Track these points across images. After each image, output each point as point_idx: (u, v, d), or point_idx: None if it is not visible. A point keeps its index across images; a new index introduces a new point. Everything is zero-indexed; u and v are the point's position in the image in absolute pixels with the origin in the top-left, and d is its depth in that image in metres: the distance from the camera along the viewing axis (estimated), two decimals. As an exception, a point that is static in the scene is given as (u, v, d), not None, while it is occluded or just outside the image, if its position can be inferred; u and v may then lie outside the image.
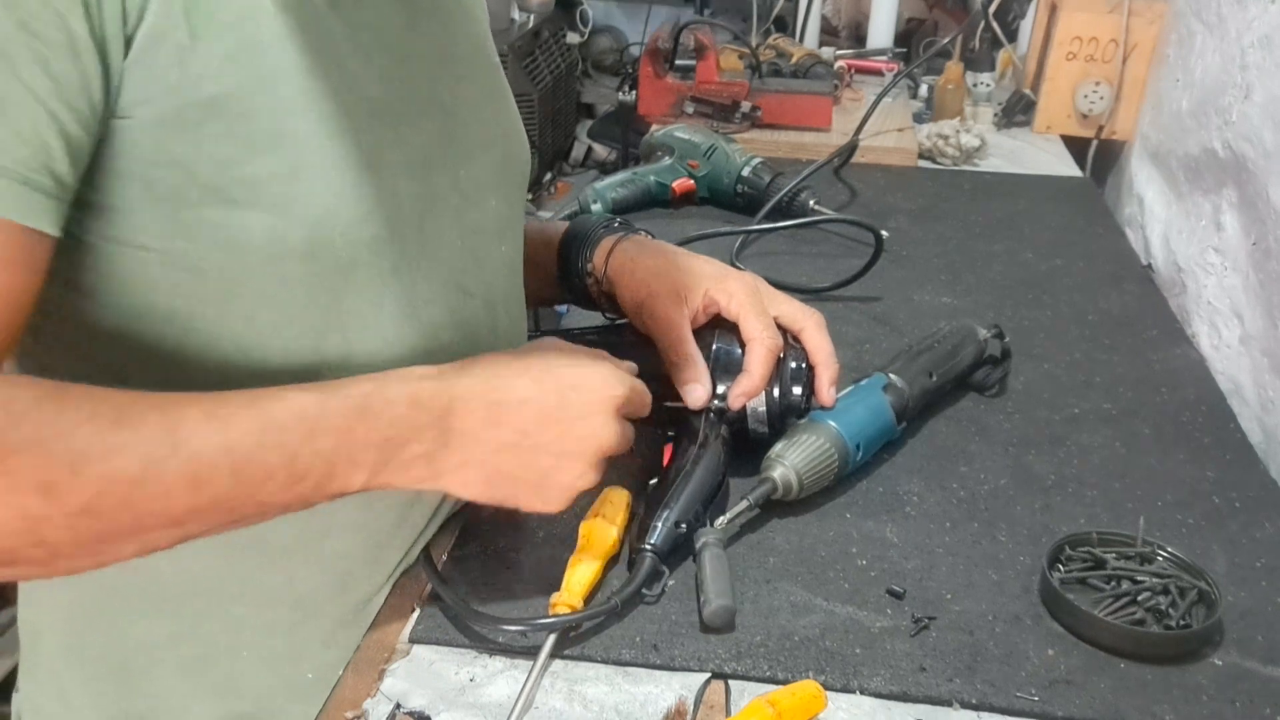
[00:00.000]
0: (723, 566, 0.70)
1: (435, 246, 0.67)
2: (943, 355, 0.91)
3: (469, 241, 0.70)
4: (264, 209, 0.57)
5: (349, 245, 0.61)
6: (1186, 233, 1.27)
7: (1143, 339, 1.06)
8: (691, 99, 1.58)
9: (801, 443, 0.77)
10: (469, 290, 0.71)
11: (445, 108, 0.68)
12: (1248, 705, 0.64)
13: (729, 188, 1.31)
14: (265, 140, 0.56)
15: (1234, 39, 1.22)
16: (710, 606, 0.67)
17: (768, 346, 0.77)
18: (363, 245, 0.62)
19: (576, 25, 2.88)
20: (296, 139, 0.57)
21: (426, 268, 0.67)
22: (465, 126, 0.70)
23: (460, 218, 0.69)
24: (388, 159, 0.63)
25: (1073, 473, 0.85)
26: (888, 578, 0.73)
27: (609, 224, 0.88)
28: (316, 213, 0.59)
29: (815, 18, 1.99)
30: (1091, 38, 1.56)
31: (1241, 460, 0.88)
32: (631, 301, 0.82)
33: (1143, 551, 0.73)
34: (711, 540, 0.71)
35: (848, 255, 1.19)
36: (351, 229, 0.61)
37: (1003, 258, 1.23)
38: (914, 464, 0.85)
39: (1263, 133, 1.08)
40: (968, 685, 0.65)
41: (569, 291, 0.89)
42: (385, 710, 0.63)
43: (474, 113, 0.71)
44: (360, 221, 0.61)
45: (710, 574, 0.69)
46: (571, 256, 0.87)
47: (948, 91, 1.67)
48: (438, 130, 0.67)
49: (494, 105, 0.75)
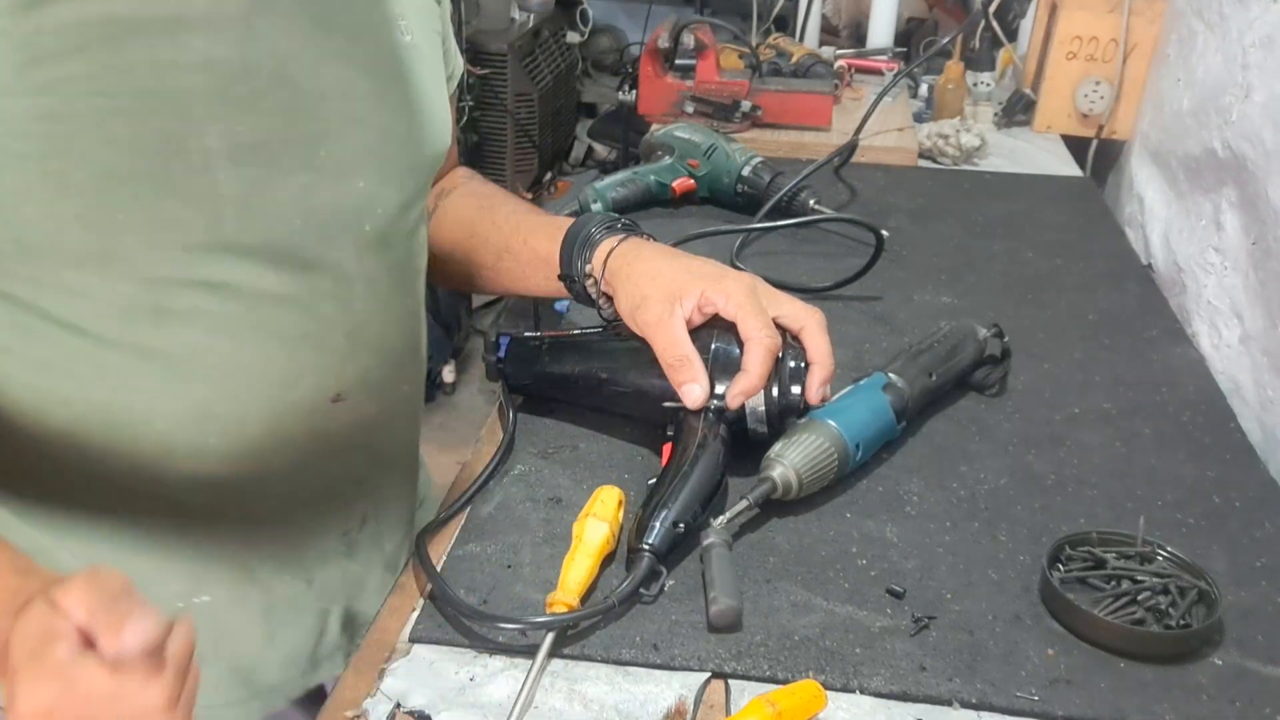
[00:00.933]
0: (729, 566, 0.70)
1: (267, 224, 0.68)
2: (942, 355, 0.91)
3: (314, 219, 0.70)
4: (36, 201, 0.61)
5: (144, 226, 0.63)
6: (1186, 232, 1.27)
7: (1143, 338, 1.06)
8: (691, 98, 1.58)
9: (801, 442, 0.77)
10: (310, 265, 0.71)
11: (296, 85, 0.68)
12: (1248, 705, 0.64)
13: (729, 187, 1.31)
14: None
15: (1235, 38, 1.21)
16: (717, 606, 0.67)
17: (766, 346, 0.77)
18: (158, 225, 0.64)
19: (577, 24, 2.88)
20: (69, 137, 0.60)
21: (253, 244, 0.68)
22: (324, 103, 0.70)
23: (308, 196, 0.69)
24: (204, 144, 0.63)
25: (1073, 472, 0.85)
26: (888, 577, 0.73)
27: (611, 224, 0.88)
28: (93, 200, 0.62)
29: (815, 17, 1.99)
30: (1092, 37, 1.56)
31: (1241, 460, 0.88)
32: (627, 305, 0.82)
33: (1143, 551, 0.73)
34: (718, 540, 0.72)
35: (848, 255, 1.19)
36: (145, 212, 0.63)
37: (1003, 257, 1.23)
38: (914, 463, 0.85)
39: (1263, 132, 1.08)
40: (968, 685, 0.65)
41: (568, 287, 0.89)
42: (385, 709, 0.63)
43: (340, 89, 0.71)
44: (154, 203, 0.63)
45: (717, 574, 0.69)
46: (571, 257, 0.87)
47: (948, 91, 1.67)
48: (282, 108, 0.67)
49: (376, 83, 0.74)
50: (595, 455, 0.85)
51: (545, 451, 0.85)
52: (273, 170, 0.67)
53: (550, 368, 0.88)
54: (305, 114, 0.69)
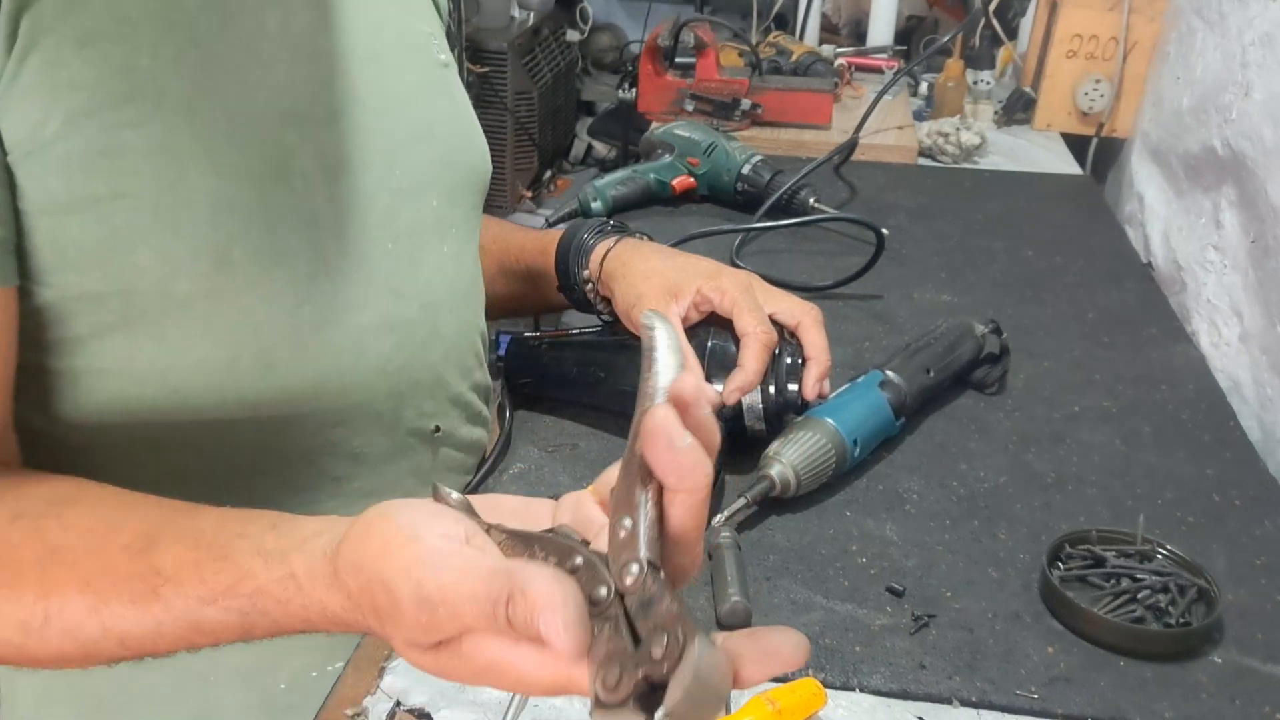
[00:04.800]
0: (740, 566, 0.70)
1: (362, 248, 0.66)
2: (940, 352, 0.91)
3: (402, 243, 0.69)
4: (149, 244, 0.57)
5: (252, 259, 0.60)
6: (1186, 230, 1.27)
7: (1142, 337, 1.06)
8: (691, 96, 1.58)
9: (798, 440, 0.77)
10: (402, 293, 0.69)
11: (365, 104, 0.67)
12: (1247, 703, 0.64)
13: (729, 185, 1.31)
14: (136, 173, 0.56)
15: (1235, 36, 1.21)
16: (728, 605, 0.67)
17: (762, 341, 0.77)
18: (267, 258, 0.60)
19: (576, 22, 2.88)
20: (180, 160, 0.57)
21: (350, 272, 0.65)
22: (391, 122, 0.68)
23: (392, 217, 0.68)
24: (297, 165, 0.61)
25: (1072, 470, 0.85)
26: (887, 575, 0.73)
27: (601, 228, 0.88)
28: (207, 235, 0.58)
29: (815, 15, 1.99)
30: (1092, 35, 1.56)
31: (1241, 458, 0.88)
32: (624, 303, 0.82)
33: (1142, 549, 0.73)
34: (727, 540, 0.72)
35: (847, 253, 1.18)
36: (254, 242, 0.60)
37: (1003, 255, 1.23)
38: (914, 462, 0.85)
39: (1263, 131, 1.08)
40: (967, 683, 0.65)
41: (569, 299, 0.89)
42: (385, 707, 0.63)
43: (401, 108, 0.69)
44: (264, 233, 0.60)
45: (728, 573, 0.69)
46: (568, 266, 0.87)
47: (948, 89, 1.67)
48: (358, 127, 0.66)
49: (427, 101, 0.73)
50: (594, 453, 0.85)
51: (544, 449, 0.85)
52: (359, 191, 0.65)
53: (550, 366, 0.88)
54: (376, 132, 0.67)
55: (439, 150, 0.73)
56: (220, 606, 0.50)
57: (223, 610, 0.50)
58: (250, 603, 0.50)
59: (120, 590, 0.52)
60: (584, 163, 3.02)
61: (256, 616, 0.50)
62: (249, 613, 0.50)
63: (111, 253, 0.57)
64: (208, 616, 0.51)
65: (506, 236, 0.94)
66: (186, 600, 0.51)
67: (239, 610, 0.50)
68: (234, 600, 0.50)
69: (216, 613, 0.51)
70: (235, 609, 0.50)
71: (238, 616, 0.50)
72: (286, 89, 0.61)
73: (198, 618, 0.51)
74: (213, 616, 0.51)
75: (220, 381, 0.62)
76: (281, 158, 0.60)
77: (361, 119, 0.66)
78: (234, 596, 0.50)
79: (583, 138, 2.95)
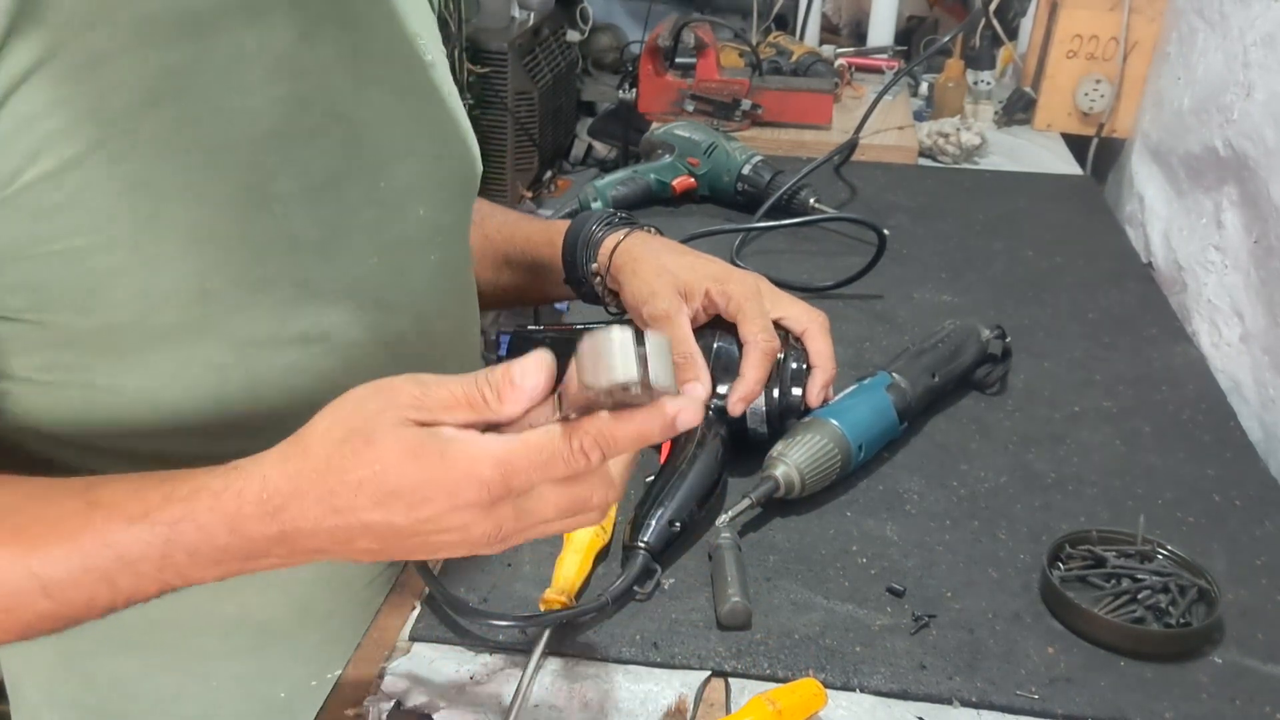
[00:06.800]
0: (740, 566, 0.70)
1: (346, 266, 0.65)
2: (945, 355, 0.91)
3: (389, 256, 0.67)
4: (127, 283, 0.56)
5: (233, 287, 0.59)
6: (1187, 230, 1.27)
7: (1143, 337, 1.06)
8: (692, 96, 1.58)
9: (804, 441, 0.77)
10: (391, 305, 0.68)
11: (348, 117, 0.65)
12: (1247, 703, 0.64)
13: (729, 185, 1.31)
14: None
15: (1236, 36, 1.21)
16: (728, 605, 0.67)
17: (763, 350, 0.77)
18: (249, 285, 0.60)
19: (577, 23, 2.88)
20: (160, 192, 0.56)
21: (337, 289, 0.64)
22: (375, 133, 0.66)
23: (378, 232, 0.67)
24: (278, 189, 0.60)
25: (1073, 471, 0.85)
26: (888, 576, 0.73)
27: (610, 220, 0.88)
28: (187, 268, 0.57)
29: (816, 15, 1.99)
30: (1092, 35, 1.56)
31: (1242, 458, 0.88)
32: (633, 299, 0.82)
33: (1143, 549, 0.73)
34: (728, 540, 0.72)
35: (848, 253, 1.18)
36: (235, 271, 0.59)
37: (1003, 256, 1.23)
38: (914, 462, 0.85)
39: (1264, 131, 1.08)
40: (968, 683, 0.65)
41: (576, 291, 0.89)
42: (386, 708, 0.63)
43: (387, 117, 0.68)
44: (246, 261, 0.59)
45: (728, 573, 0.69)
46: (576, 257, 0.87)
47: (948, 89, 1.67)
48: (341, 143, 0.64)
49: (414, 106, 0.71)
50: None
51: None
52: (342, 209, 0.64)
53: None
54: (361, 146, 0.65)
55: (425, 158, 0.71)
56: (149, 522, 0.49)
57: (149, 528, 0.49)
58: (183, 509, 0.49)
59: (51, 532, 0.51)
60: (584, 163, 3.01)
61: (183, 530, 0.49)
62: (178, 522, 0.49)
63: (89, 295, 0.56)
64: (133, 539, 0.50)
65: (512, 226, 0.93)
66: (116, 523, 0.50)
67: (166, 523, 0.49)
68: (164, 512, 0.49)
69: (141, 532, 0.50)
70: (164, 522, 0.49)
71: (163, 536, 0.49)
72: (265, 111, 0.59)
73: (123, 543, 0.50)
74: (137, 538, 0.50)
75: (209, 406, 0.62)
76: (261, 182, 0.59)
77: (343, 134, 0.64)
78: (169, 504, 0.50)
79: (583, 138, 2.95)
